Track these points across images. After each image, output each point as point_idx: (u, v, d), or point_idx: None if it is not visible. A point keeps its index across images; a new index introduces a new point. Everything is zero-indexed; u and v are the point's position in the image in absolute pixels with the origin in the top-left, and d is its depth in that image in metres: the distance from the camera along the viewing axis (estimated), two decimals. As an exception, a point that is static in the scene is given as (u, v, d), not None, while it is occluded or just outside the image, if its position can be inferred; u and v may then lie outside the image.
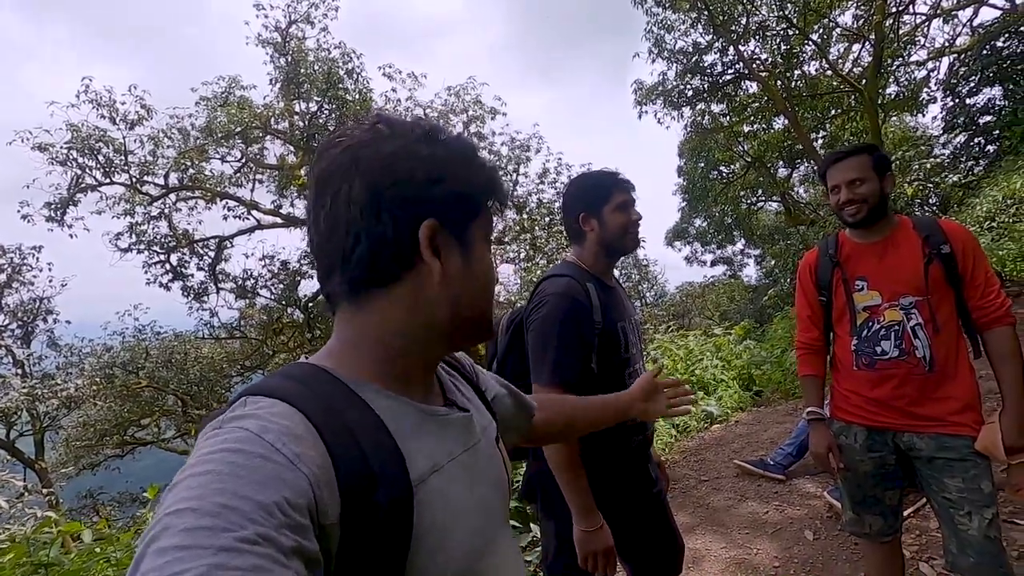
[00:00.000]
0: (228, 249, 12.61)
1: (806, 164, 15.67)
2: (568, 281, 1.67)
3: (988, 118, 12.72)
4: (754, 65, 11.20)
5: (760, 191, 17.20)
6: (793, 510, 3.55)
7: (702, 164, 16.10)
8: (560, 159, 15.05)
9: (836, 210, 1.97)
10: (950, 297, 1.84)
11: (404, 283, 0.62)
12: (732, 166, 16.29)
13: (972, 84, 12.82)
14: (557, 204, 15.21)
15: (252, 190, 12.03)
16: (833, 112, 12.82)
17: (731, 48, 10.90)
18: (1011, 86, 11.88)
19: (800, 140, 11.40)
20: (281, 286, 12.15)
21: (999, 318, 1.79)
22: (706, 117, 13.08)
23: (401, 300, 0.62)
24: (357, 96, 11.17)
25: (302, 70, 11.25)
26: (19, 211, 9.83)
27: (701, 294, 23.73)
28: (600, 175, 1.79)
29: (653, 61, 11.34)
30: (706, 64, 11.34)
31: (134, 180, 10.24)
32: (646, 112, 12.26)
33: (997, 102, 12.60)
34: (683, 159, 17.96)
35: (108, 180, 9.96)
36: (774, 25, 10.70)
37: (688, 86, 11.65)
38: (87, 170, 9.85)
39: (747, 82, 12.00)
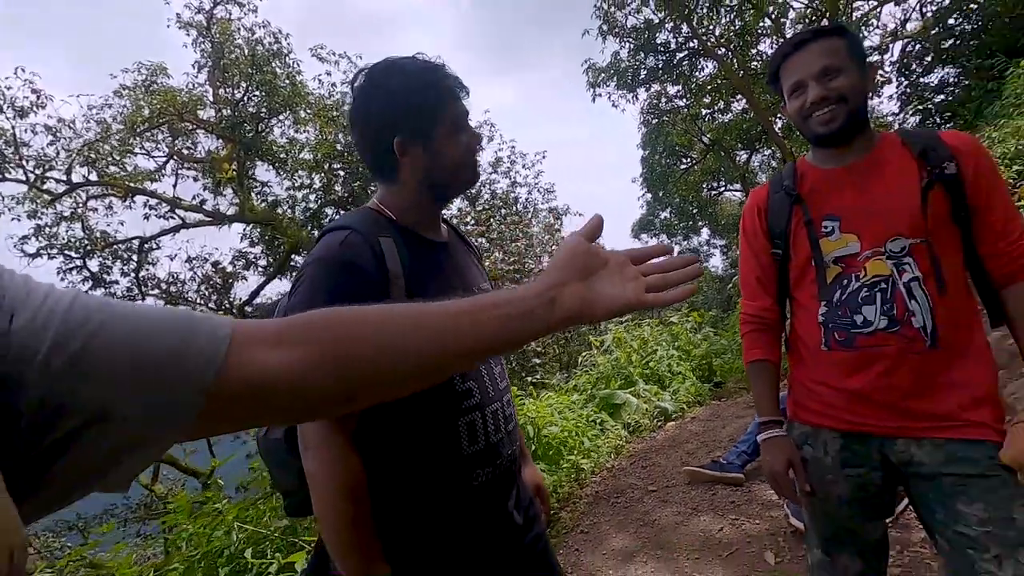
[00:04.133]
0: (155, 251, 11.57)
1: (766, 149, 15.38)
2: (346, 237, 1.01)
3: (941, 96, 12.68)
4: (709, 43, 10.74)
5: (721, 177, 16.86)
6: (752, 524, 2.95)
7: (661, 149, 15.67)
8: (513, 147, 14.44)
9: (799, 120, 1.36)
10: (956, 240, 1.26)
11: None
12: (691, 151, 15.89)
13: (925, 64, 12.85)
14: (512, 194, 14.60)
15: (175, 185, 11.04)
16: (791, 93, 12.41)
17: (684, 25, 10.40)
18: (964, 63, 11.76)
19: (760, 120, 10.99)
20: (211, 290, 11.18)
21: None
22: (662, 99, 12.60)
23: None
24: (287, 81, 10.30)
25: (227, 53, 10.33)
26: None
27: (668, 286, 23.40)
28: (420, 71, 1.09)
29: (604, 40, 10.78)
30: (659, 42, 10.82)
31: (31, 176, 9.14)
32: (600, 95, 11.70)
33: (950, 79, 12.57)
34: (645, 149, 17.56)
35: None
36: (728, 0, 10.26)
37: (642, 66, 11.11)
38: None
39: (703, 61, 11.54)
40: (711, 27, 10.89)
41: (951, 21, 12.26)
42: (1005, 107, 8.09)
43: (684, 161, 16.73)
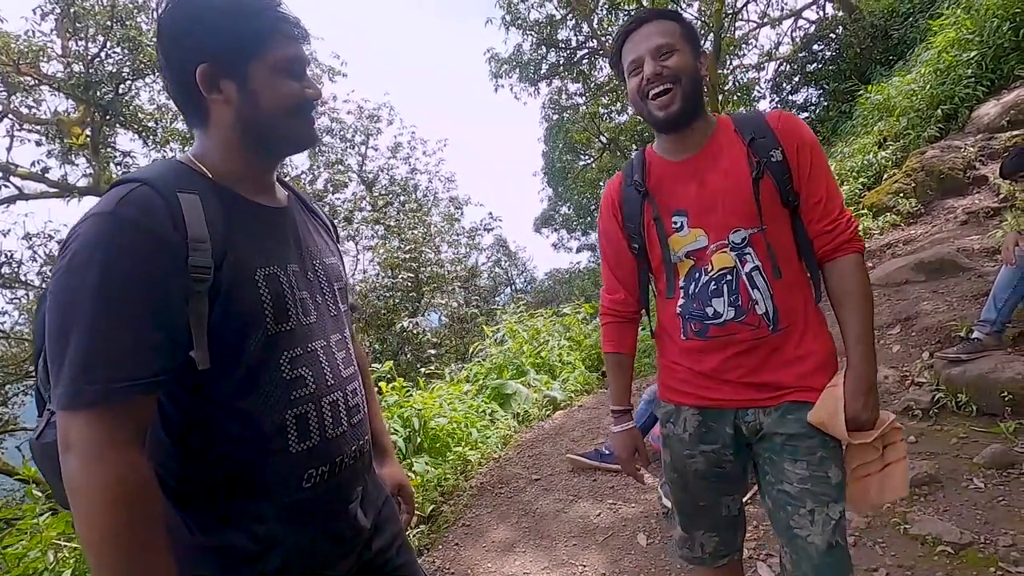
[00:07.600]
0: (-18, 226, 9.84)
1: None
2: (131, 191, 0.81)
3: (805, 114, 14.18)
4: (607, 44, 11.11)
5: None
6: (628, 508, 3.03)
7: (561, 145, 16.08)
8: (413, 132, 14.07)
9: (639, 100, 1.32)
10: (787, 224, 1.31)
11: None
12: (590, 149, 16.44)
13: (793, 83, 14.28)
14: (412, 181, 14.25)
15: (9, 149, 9.46)
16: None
17: (584, 24, 10.67)
18: (824, 85, 13.20)
19: (650, 123, 11.58)
20: (58, 272, 9.72)
21: (846, 242, 1.29)
22: (563, 95, 12.89)
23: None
24: (155, 40, 9.16)
25: (79, 0, 8.97)
26: None
27: (568, 279, 24.17)
28: None
29: (507, 30, 10.78)
30: (560, 39, 11.02)
31: None
32: (502, 86, 11.71)
33: (813, 99, 14.08)
34: (546, 144, 17.89)
35: None
36: (625, 4, 10.66)
37: (544, 60, 11.27)
38: None
39: (602, 61, 11.94)
40: (610, 28, 11.27)
41: (815, 47, 13.72)
42: (855, 127, 9.16)
43: (583, 158, 17.26)
